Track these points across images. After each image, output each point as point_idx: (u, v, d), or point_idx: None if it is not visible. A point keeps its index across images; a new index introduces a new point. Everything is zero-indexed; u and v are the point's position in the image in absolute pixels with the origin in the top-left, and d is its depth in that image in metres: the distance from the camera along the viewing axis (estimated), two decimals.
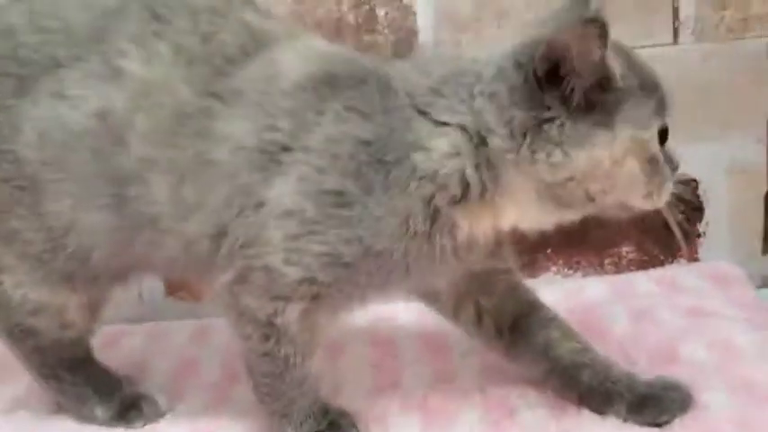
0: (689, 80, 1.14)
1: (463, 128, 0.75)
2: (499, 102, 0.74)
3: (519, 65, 0.73)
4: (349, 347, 1.08)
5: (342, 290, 0.79)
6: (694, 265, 0.95)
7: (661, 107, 0.77)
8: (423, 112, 0.76)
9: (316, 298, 0.79)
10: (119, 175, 0.81)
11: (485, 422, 0.87)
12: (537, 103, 0.73)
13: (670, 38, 1.16)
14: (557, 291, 1.13)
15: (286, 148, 0.77)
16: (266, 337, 0.81)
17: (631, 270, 1.22)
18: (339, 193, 0.75)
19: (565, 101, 0.72)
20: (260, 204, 0.77)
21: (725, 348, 0.95)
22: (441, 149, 0.75)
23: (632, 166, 0.75)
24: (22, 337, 0.93)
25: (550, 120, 0.73)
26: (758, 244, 1.24)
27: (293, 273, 0.77)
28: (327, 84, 0.78)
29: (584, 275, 1.25)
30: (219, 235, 0.80)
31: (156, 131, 0.79)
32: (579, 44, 0.69)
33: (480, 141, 0.75)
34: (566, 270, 1.25)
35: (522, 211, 0.78)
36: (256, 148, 0.77)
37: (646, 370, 0.91)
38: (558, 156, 0.73)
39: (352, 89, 0.77)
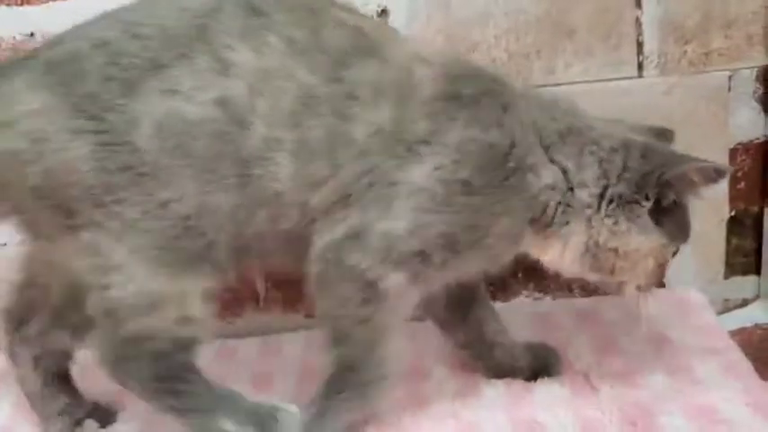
0: (653, 111, 1.18)
1: (565, 171, 0.90)
2: (606, 169, 0.91)
3: (644, 158, 0.91)
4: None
5: (443, 272, 0.90)
6: (657, 292, 1.00)
7: (685, 236, 0.95)
8: (545, 147, 0.91)
9: (418, 274, 0.87)
10: (243, 156, 0.86)
11: None
12: (640, 191, 0.90)
13: (635, 71, 1.21)
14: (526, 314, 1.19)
15: (425, 142, 0.86)
16: (366, 302, 0.87)
17: (599, 295, 1.26)
18: (467, 183, 0.86)
19: (657, 201, 0.91)
20: (393, 183, 0.86)
21: (685, 374, 1.00)
22: (546, 180, 0.90)
23: (651, 263, 0.94)
24: (133, 348, 0.87)
25: (639, 204, 0.90)
26: (720, 269, 1.29)
27: (413, 243, 0.86)
28: (455, 99, 0.89)
29: (554, 299, 1.29)
30: (341, 200, 0.87)
31: (281, 113, 0.86)
32: (697, 179, 0.89)
33: (571, 187, 0.90)
34: (536, 294, 1.29)
35: (564, 254, 0.93)
36: (395, 136, 0.86)
37: (608, 393, 0.96)
38: (622, 227, 0.90)
39: (473, 105, 0.89)
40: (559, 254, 0.94)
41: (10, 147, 0.85)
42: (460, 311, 1.02)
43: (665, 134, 1.01)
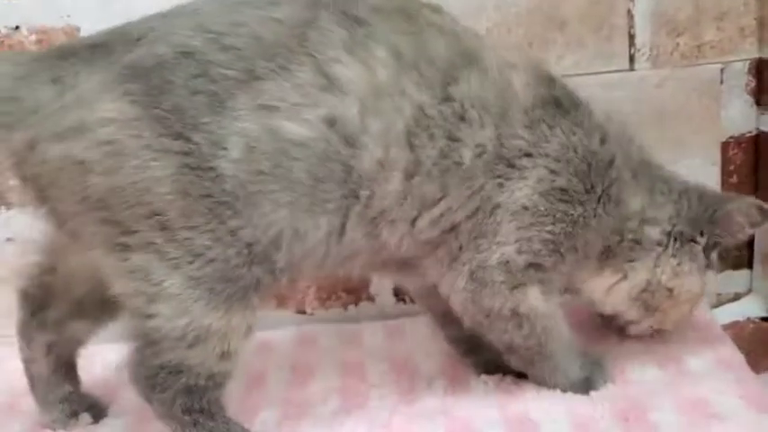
0: (645, 104, 1.18)
1: (642, 207, 0.95)
2: (678, 210, 0.95)
3: (700, 200, 0.96)
4: (317, 371, 1.11)
5: (558, 273, 0.92)
6: None
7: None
8: (633, 175, 0.94)
9: (542, 282, 0.91)
10: (353, 179, 0.83)
11: None
12: (695, 229, 0.95)
13: (626, 64, 1.20)
14: None
15: (528, 155, 0.87)
16: (520, 326, 0.92)
17: None
18: (565, 191, 0.88)
19: (713, 242, 0.97)
20: (496, 207, 0.88)
21: (676, 368, 0.99)
22: (634, 207, 0.94)
23: (688, 309, 1.01)
24: (167, 378, 0.84)
25: (696, 243, 0.96)
26: None
27: (524, 259, 0.89)
28: (555, 105, 0.89)
29: None
30: (451, 230, 0.88)
31: (396, 134, 0.83)
32: (742, 219, 0.96)
33: (642, 222, 0.95)
34: None
35: (618, 289, 0.97)
36: (496, 154, 0.86)
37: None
38: (685, 268, 0.95)
39: (573, 110, 0.90)
40: (609, 287, 0.97)
41: (78, 155, 0.77)
42: None
43: None
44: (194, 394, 0.86)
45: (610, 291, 0.97)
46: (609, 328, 1.05)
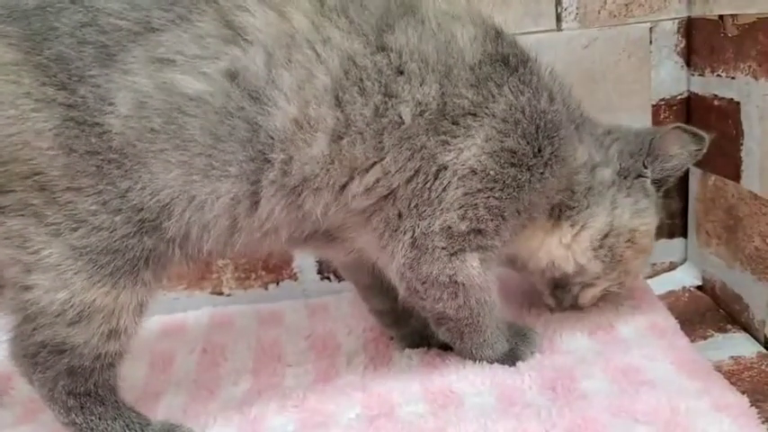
0: (573, 65, 1.14)
1: (590, 155, 0.91)
2: (618, 147, 0.92)
3: (637, 134, 0.93)
4: (230, 352, 1.04)
5: (499, 238, 0.86)
6: None
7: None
8: (577, 127, 0.90)
9: (482, 248, 0.85)
10: (260, 139, 0.74)
11: (362, 419, 0.83)
12: (640, 161, 0.92)
13: (554, 24, 1.15)
14: None
15: (473, 114, 0.80)
16: (455, 295, 0.86)
17: None
18: (514, 153, 0.82)
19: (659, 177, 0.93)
20: (442, 168, 0.81)
21: (607, 335, 0.95)
22: (581, 159, 0.90)
23: (643, 262, 0.98)
24: (48, 357, 0.77)
25: (643, 177, 0.92)
26: None
27: (466, 225, 0.83)
28: (503, 62, 0.83)
29: None
30: (387, 196, 0.81)
31: (317, 88, 0.74)
32: (680, 144, 0.91)
33: (593, 168, 0.90)
34: None
35: (578, 241, 0.91)
36: (440, 112, 0.79)
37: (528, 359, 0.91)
38: (642, 206, 0.91)
39: (521, 67, 0.84)
40: (570, 241, 0.91)
41: None
42: (383, 277, 0.94)
43: None
44: (78, 376, 0.78)
45: (571, 245, 0.91)
46: (557, 302, 1.00)
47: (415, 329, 0.99)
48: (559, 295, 0.99)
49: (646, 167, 0.92)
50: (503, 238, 0.86)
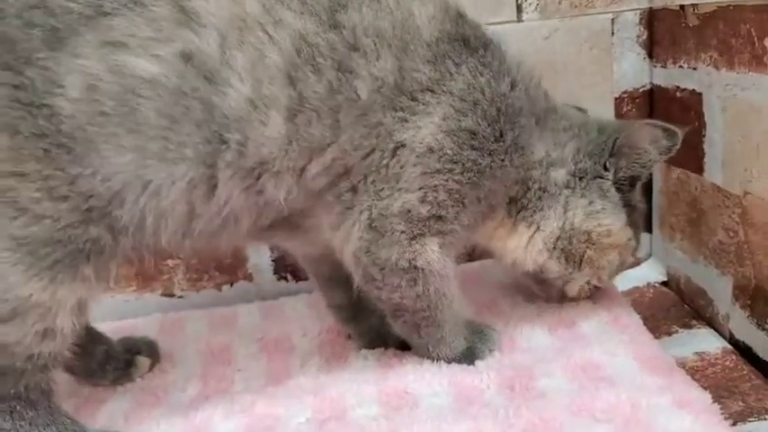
0: (534, 57, 1.10)
1: (547, 152, 0.87)
2: (576, 145, 0.88)
3: (601, 131, 0.89)
4: (179, 358, 1.00)
5: (459, 225, 0.83)
6: None
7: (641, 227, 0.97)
8: (537, 121, 0.86)
9: (441, 234, 0.82)
10: (215, 120, 0.72)
11: (312, 423, 0.80)
12: (598, 161, 0.88)
13: (514, 14, 1.12)
14: None
15: (431, 90, 0.78)
16: (414, 283, 0.83)
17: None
18: (474, 134, 0.79)
19: (625, 176, 0.89)
20: (399, 146, 0.78)
21: (568, 332, 0.92)
22: (538, 155, 0.87)
23: (616, 257, 0.92)
24: None
25: (602, 178, 0.88)
26: None
27: (427, 210, 0.80)
28: (462, 42, 0.80)
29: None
30: (342, 175, 0.79)
31: (269, 67, 0.73)
32: (647, 143, 0.88)
33: (548, 167, 0.87)
34: None
35: (534, 241, 0.89)
36: (397, 87, 0.77)
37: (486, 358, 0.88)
38: (597, 207, 0.88)
39: (482, 49, 0.82)
40: (526, 243, 0.89)
41: None
42: (345, 270, 0.91)
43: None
44: (8, 377, 0.74)
45: (527, 246, 0.89)
46: (546, 294, 0.97)
47: (372, 327, 0.95)
48: (546, 289, 0.96)
49: (607, 169, 0.89)
50: (462, 224, 0.83)
